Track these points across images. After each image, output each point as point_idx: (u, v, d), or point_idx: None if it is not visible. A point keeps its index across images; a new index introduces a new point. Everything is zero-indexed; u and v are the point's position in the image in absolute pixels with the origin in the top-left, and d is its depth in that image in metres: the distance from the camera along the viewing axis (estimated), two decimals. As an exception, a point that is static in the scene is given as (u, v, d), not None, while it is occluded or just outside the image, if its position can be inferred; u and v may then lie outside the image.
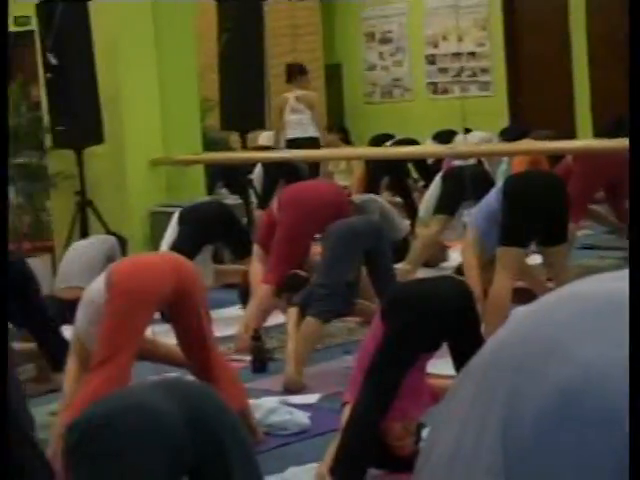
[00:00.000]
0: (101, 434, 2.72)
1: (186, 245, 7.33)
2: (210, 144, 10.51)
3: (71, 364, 4.79)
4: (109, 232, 8.33)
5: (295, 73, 11.92)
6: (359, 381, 4.28)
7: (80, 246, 7.74)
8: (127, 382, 4.51)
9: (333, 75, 15.85)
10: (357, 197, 8.75)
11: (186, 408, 2.79)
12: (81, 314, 4.75)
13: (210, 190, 10.11)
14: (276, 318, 6.75)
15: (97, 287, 4.71)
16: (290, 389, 5.70)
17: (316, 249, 6.80)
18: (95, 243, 7.73)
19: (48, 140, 9.01)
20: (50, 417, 5.16)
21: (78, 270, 7.26)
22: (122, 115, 8.89)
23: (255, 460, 2.93)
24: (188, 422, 2.76)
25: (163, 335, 5.33)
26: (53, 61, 8.54)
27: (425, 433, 4.39)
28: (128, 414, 2.75)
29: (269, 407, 5.11)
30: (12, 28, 17.65)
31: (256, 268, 6.95)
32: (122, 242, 7.91)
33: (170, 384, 3.10)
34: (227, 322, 7.02)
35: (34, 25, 9.46)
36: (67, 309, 6.48)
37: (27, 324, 6.02)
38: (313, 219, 6.64)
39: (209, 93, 10.66)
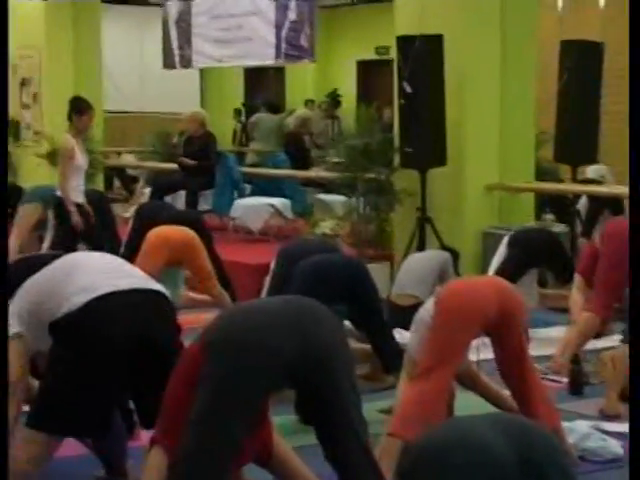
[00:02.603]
0: (433, 464, 2.57)
1: (512, 267, 7.19)
2: (541, 174, 10.21)
3: (402, 380, 4.67)
4: (444, 247, 8.19)
5: None
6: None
7: (417, 257, 7.69)
8: (445, 394, 4.42)
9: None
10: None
11: (517, 446, 2.57)
12: (414, 333, 4.63)
13: (538, 216, 9.83)
14: (593, 343, 6.40)
15: (427, 307, 4.59)
16: (607, 414, 5.35)
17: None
18: (430, 256, 7.65)
19: (397, 159, 8.97)
20: (379, 414, 5.09)
21: (413, 280, 7.19)
22: (464, 141, 8.73)
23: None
24: (519, 462, 2.54)
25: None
26: (408, 89, 8.49)
27: None
28: (461, 448, 2.57)
29: (583, 432, 4.79)
30: (373, 56, 18.12)
31: (575, 296, 6.62)
32: (455, 255, 7.79)
33: (504, 420, 2.86)
34: (546, 342, 6.79)
35: (392, 55, 9.47)
36: (401, 315, 6.41)
37: (364, 325, 5.96)
38: None
39: (545, 126, 10.36)
